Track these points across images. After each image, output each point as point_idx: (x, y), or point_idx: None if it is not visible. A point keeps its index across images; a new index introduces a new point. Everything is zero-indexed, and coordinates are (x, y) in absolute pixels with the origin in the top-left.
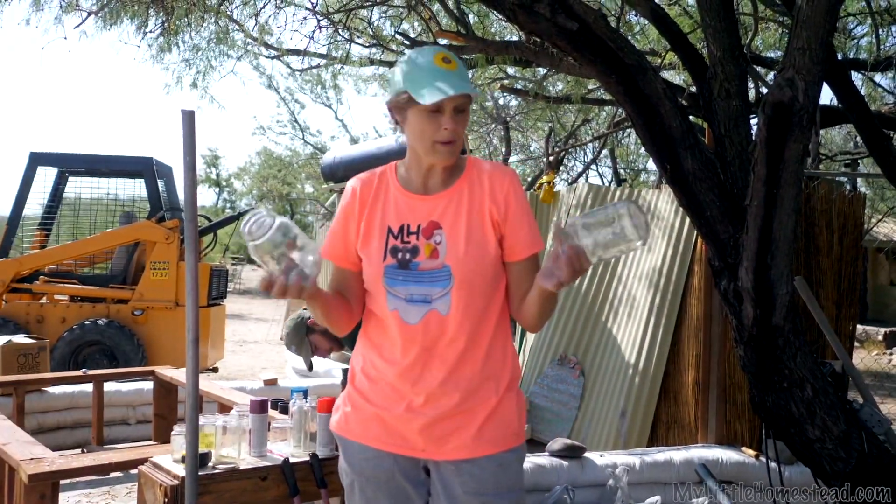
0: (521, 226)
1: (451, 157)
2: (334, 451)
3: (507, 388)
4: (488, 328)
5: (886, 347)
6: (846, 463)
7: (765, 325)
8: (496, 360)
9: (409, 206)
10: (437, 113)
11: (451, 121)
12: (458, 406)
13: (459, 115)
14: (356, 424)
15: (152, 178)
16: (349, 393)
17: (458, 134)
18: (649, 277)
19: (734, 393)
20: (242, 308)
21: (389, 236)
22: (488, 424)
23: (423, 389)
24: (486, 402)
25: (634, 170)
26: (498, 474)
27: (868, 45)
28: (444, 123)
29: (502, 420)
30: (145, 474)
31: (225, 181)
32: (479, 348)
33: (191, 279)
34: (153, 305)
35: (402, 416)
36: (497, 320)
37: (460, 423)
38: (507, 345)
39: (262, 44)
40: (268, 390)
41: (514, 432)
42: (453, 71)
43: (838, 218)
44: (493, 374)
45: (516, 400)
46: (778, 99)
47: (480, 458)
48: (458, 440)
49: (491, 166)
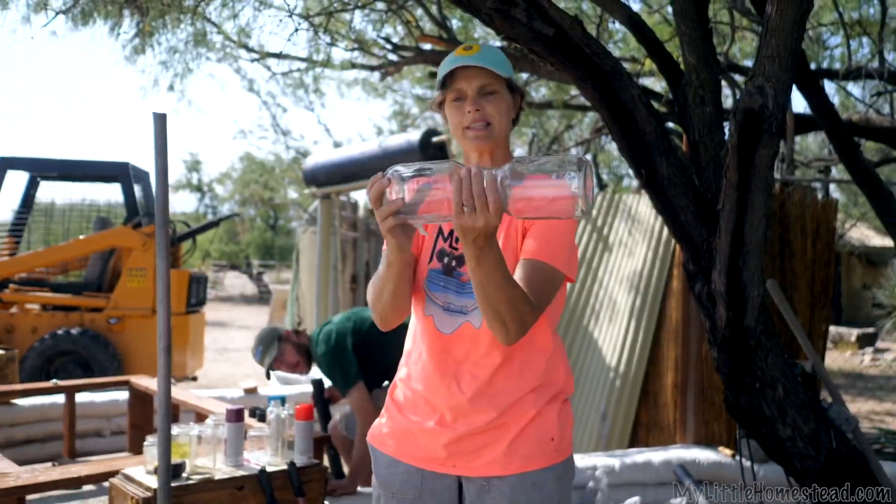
0: (539, 234)
1: (483, 142)
2: (312, 459)
3: (551, 400)
4: (527, 340)
5: (859, 348)
6: (816, 461)
7: (737, 327)
8: (535, 372)
9: None
10: (461, 100)
11: (474, 103)
12: (490, 423)
13: (487, 97)
14: (389, 436)
15: (128, 183)
16: (387, 404)
17: (488, 115)
18: (630, 281)
19: (712, 394)
20: (225, 315)
21: (439, 237)
22: (522, 439)
23: (454, 405)
24: (522, 415)
25: (617, 175)
26: (531, 494)
27: (841, 56)
28: (466, 107)
29: (539, 434)
30: (117, 487)
31: (206, 186)
32: (515, 362)
33: (162, 285)
34: (130, 313)
35: (432, 431)
36: (536, 331)
37: (493, 437)
38: (553, 355)
39: (242, 46)
40: (248, 399)
41: (555, 448)
42: (470, 55)
43: (811, 223)
44: (532, 386)
45: (559, 413)
46: (748, 106)
47: (512, 475)
48: (489, 455)
49: None
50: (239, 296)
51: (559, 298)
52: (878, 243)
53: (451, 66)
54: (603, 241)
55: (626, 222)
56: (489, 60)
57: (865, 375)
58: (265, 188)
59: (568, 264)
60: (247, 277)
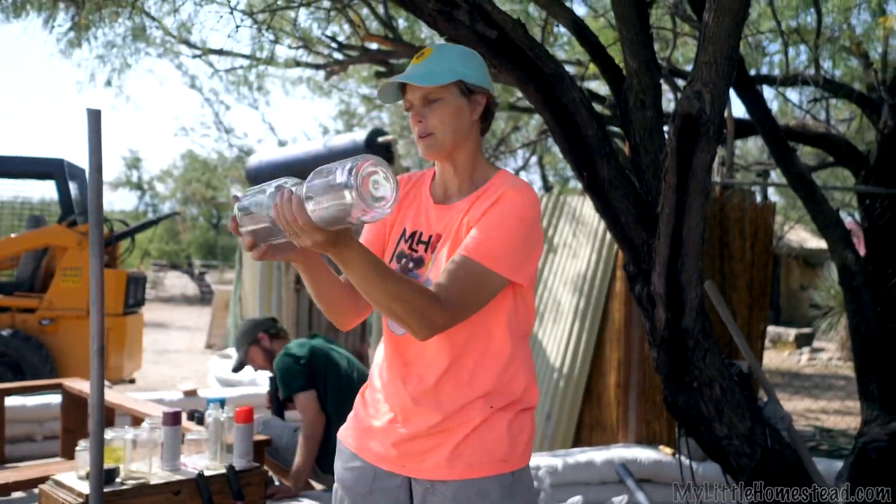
0: (486, 228)
1: (430, 150)
2: (251, 463)
3: (504, 409)
4: (478, 345)
5: (797, 347)
6: (751, 458)
7: (676, 328)
8: (486, 379)
9: (426, 212)
10: (409, 110)
11: (417, 114)
12: (434, 426)
13: (431, 106)
14: (352, 432)
15: (63, 181)
16: (356, 401)
17: (432, 126)
18: (574, 283)
19: (654, 394)
20: (165, 316)
21: (401, 239)
22: (467, 445)
23: (402, 406)
24: (468, 421)
25: (563, 177)
26: (475, 501)
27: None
28: (412, 118)
29: (485, 442)
30: (46, 493)
31: (147, 184)
32: (464, 367)
33: (95, 285)
34: (64, 314)
35: (384, 430)
36: (492, 337)
37: (438, 441)
38: (511, 362)
39: (182, 42)
40: (187, 401)
41: (502, 458)
42: (416, 63)
43: (750, 225)
44: (481, 392)
45: (511, 422)
46: (686, 111)
47: (454, 481)
48: (433, 459)
49: (508, 181)
50: (180, 296)
51: (519, 304)
52: (814, 245)
53: (396, 79)
54: (547, 243)
55: (570, 224)
56: (431, 71)
57: (802, 374)
58: (208, 187)
59: (510, 265)
60: (188, 277)
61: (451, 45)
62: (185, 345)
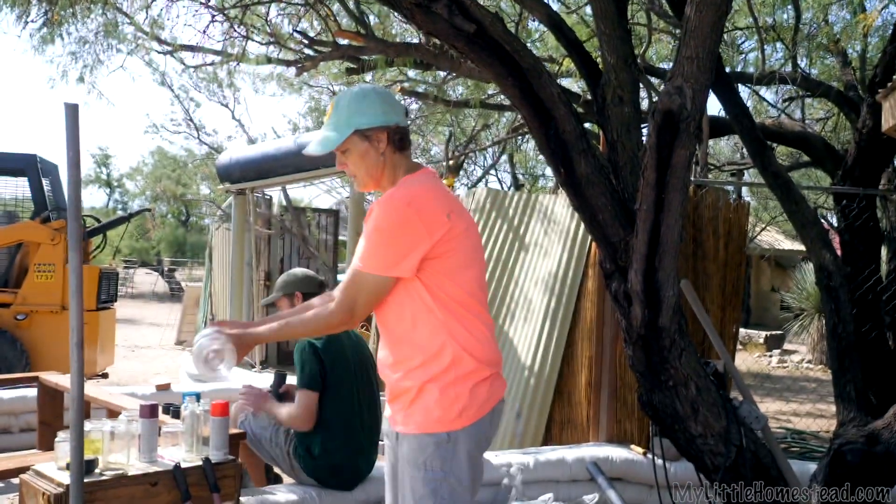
0: (361, 239)
1: (359, 187)
2: (227, 456)
3: (433, 379)
4: (403, 328)
5: (767, 350)
6: (726, 457)
7: (652, 326)
8: (413, 354)
9: None
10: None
11: (339, 163)
12: (394, 388)
13: (345, 155)
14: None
15: (36, 177)
16: None
17: (351, 171)
18: (545, 281)
19: (625, 393)
20: (135, 312)
21: None
22: (413, 408)
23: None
24: (408, 390)
25: (533, 175)
26: (416, 451)
27: (755, 60)
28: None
29: (423, 407)
30: (27, 483)
31: (116, 181)
32: (399, 347)
33: (75, 280)
34: (38, 309)
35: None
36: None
37: (400, 404)
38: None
39: (154, 38)
40: (160, 395)
41: (436, 419)
42: (325, 123)
43: (724, 225)
44: (411, 364)
45: (442, 389)
46: (667, 106)
47: (407, 434)
48: (398, 417)
49: (390, 190)
50: (150, 293)
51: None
52: (786, 247)
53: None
54: (519, 241)
55: (541, 223)
56: (326, 134)
57: (773, 376)
58: (178, 184)
59: (384, 265)
60: (157, 274)
61: (345, 94)
62: (155, 341)
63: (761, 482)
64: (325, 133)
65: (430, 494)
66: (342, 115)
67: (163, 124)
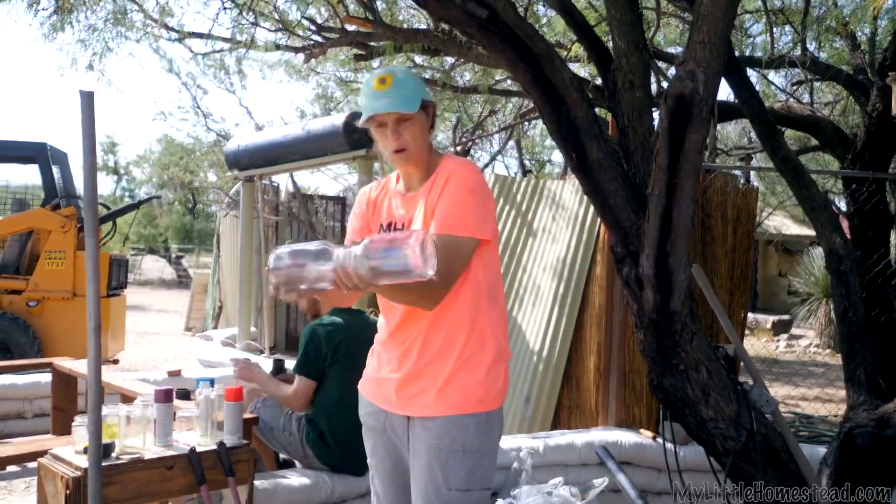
0: (442, 207)
1: (405, 163)
2: (241, 440)
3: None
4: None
5: (774, 335)
6: (736, 441)
7: (664, 310)
8: (458, 333)
9: (398, 205)
10: (382, 127)
11: (393, 133)
12: (422, 370)
13: (404, 125)
14: (367, 382)
15: (46, 165)
16: (369, 358)
17: (405, 142)
18: (553, 267)
19: (633, 378)
20: (143, 299)
21: (381, 232)
22: (450, 388)
23: (397, 355)
24: (447, 367)
25: (539, 161)
26: (453, 433)
27: (763, 44)
28: (388, 136)
29: (461, 387)
30: (45, 467)
31: (123, 169)
32: (441, 323)
33: (91, 265)
34: (49, 296)
35: (387, 378)
36: (463, 299)
37: (425, 385)
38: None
39: (163, 26)
40: (172, 381)
41: (478, 399)
42: (384, 90)
43: (732, 209)
44: (454, 344)
45: (487, 369)
46: (679, 91)
47: (439, 417)
48: (423, 400)
49: (453, 161)
50: (158, 280)
51: (481, 263)
52: (794, 231)
53: (371, 112)
54: (527, 227)
55: (549, 208)
56: (401, 97)
57: (781, 361)
58: (185, 171)
59: (475, 227)
60: (165, 261)
61: (403, 69)
62: (164, 327)
63: (772, 465)
64: (401, 93)
65: (468, 476)
66: (409, 85)
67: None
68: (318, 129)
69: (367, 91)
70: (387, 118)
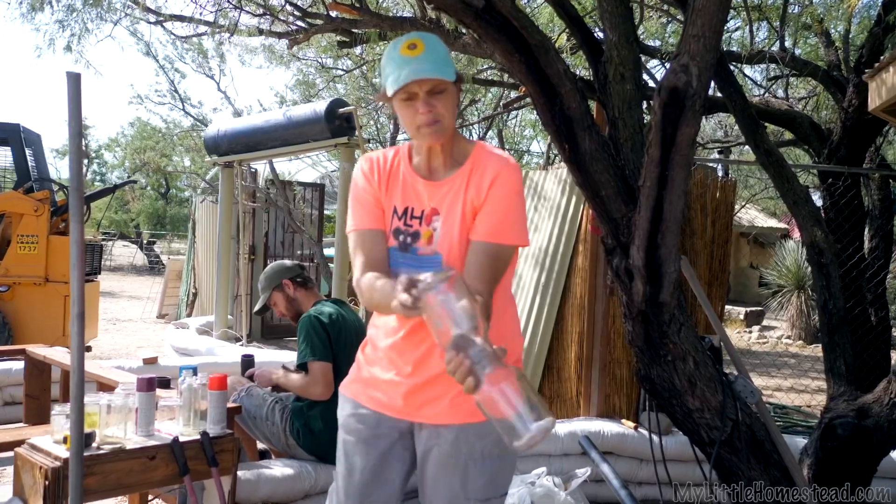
0: (491, 213)
1: (438, 137)
2: (225, 430)
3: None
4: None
5: (747, 326)
6: (722, 431)
7: (653, 302)
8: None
9: (415, 189)
10: (411, 99)
11: (426, 104)
12: (441, 374)
13: (437, 96)
14: (354, 383)
15: (19, 146)
16: (358, 358)
17: (439, 114)
18: (535, 257)
19: (614, 368)
20: (115, 286)
21: (394, 217)
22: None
23: (411, 359)
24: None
25: (519, 151)
26: (472, 441)
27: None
28: (419, 108)
29: None
30: (23, 457)
31: (94, 153)
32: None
33: (76, 250)
34: (20, 281)
35: (392, 382)
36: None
37: (441, 391)
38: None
39: (144, 8)
40: (147, 369)
41: None
42: (417, 56)
43: (711, 202)
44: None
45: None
46: (673, 84)
47: (456, 425)
48: (437, 407)
49: (494, 156)
50: (129, 266)
51: (511, 264)
52: (764, 224)
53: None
54: None
55: (532, 199)
56: (436, 62)
57: (753, 352)
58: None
59: (520, 234)
60: (136, 247)
61: (431, 35)
62: (136, 314)
63: (756, 455)
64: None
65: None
66: (442, 51)
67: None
68: (300, 116)
69: (394, 59)
70: (418, 88)
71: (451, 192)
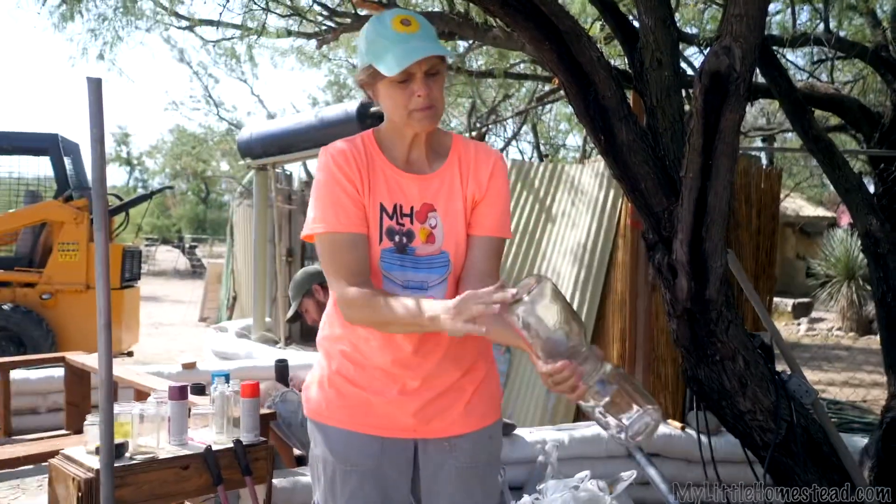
0: (494, 206)
1: (432, 123)
2: (259, 437)
3: (489, 360)
4: None
5: (795, 318)
6: (776, 434)
7: (699, 299)
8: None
9: (399, 184)
10: (407, 81)
11: (424, 86)
12: (453, 384)
13: (432, 78)
14: (339, 410)
15: (58, 156)
16: (329, 378)
17: (435, 98)
18: (573, 252)
19: (658, 366)
20: (157, 290)
21: (383, 215)
22: (476, 399)
23: (421, 373)
24: (476, 377)
25: (554, 146)
26: (489, 446)
27: (781, 22)
28: (416, 90)
29: (488, 392)
30: (56, 468)
31: (136, 159)
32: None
33: (101, 258)
34: (62, 289)
35: (395, 400)
36: None
37: (451, 401)
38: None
39: (173, 14)
40: (186, 374)
41: (497, 402)
42: (414, 33)
43: (756, 192)
44: (483, 350)
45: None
46: (715, 68)
47: (471, 432)
48: (448, 418)
49: (477, 146)
50: (171, 270)
51: None
52: (811, 213)
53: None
54: (545, 213)
55: (568, 193)
56: (435, 39)
57: (802, 345)
58: (198, 161)
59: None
60: (179, 252)
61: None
62: (178, 318)
63: (813, 458)
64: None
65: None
66: (434, 30)
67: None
68: (331, 117)
69: (387, 35)
70: (417, 68)
71: (445, 186)
